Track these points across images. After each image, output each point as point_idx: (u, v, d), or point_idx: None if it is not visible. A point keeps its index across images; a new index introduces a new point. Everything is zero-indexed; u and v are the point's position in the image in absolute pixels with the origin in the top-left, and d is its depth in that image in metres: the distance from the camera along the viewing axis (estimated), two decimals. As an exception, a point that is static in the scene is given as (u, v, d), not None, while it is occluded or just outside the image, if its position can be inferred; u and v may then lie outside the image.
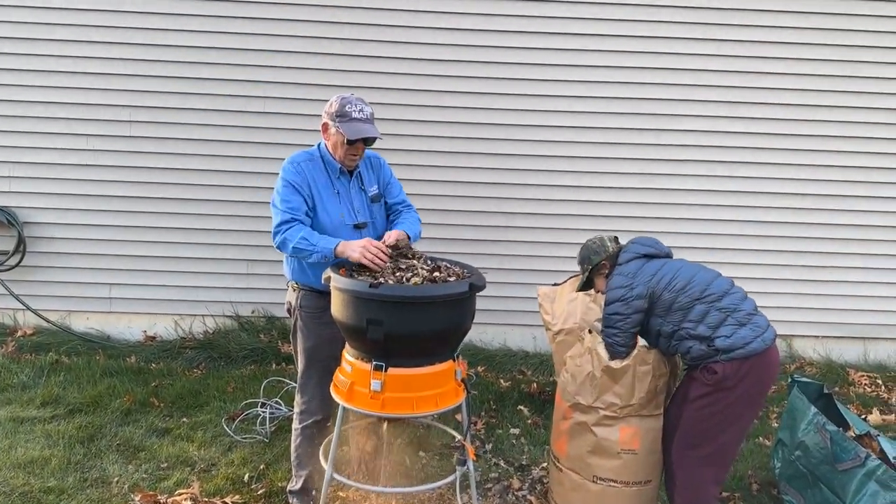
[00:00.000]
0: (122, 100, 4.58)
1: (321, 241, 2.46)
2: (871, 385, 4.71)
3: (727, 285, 2.58)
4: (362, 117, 2.55)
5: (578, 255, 2.84)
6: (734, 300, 2.52)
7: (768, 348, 2.46)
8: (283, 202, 2.55)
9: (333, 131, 2.57)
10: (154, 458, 3.26)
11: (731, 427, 2.50)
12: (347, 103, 2.55)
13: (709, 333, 2.46)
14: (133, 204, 4.69)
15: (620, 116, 4.73)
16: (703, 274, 2.59)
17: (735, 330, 2.45)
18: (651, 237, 2.79)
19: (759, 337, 2.44)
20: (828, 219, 4.89)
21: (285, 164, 2.63)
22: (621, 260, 2.69)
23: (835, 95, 4.75)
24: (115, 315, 4.82)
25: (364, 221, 2.67)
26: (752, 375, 2.44)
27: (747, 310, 2.50)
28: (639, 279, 2.56)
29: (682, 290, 2.52)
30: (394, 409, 2.23)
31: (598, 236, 2.82)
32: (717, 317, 2.47)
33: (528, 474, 3.33)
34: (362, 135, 2.52)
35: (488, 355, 4.81)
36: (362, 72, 4.61)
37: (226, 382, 4.16)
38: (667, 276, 2.55)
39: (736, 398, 2.45)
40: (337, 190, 2.64)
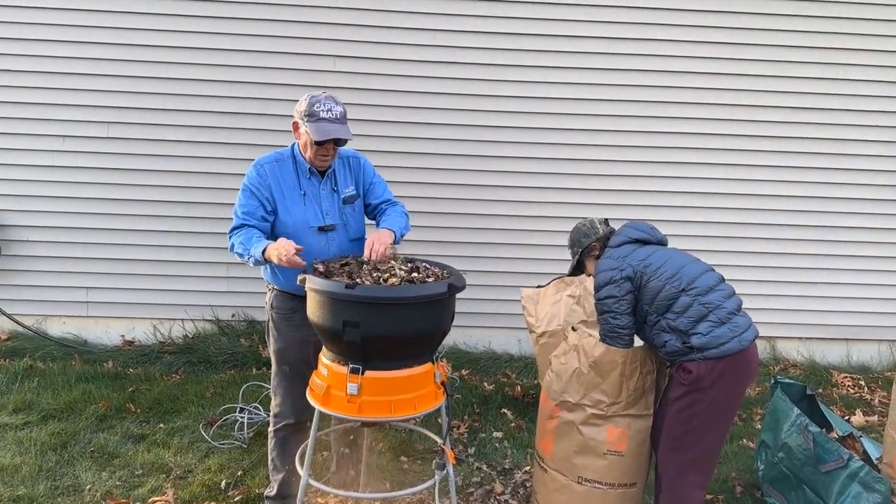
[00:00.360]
0: (99, 100, 4.50)
1: (254, 246, 2.41)
2: (854, 386, 4.71)
3: (715, 280, 2.53)
4: (331, 117, 2.46)
5: (568, 238, 2.79)
6: (719, 297, 2.47)
7: (745, 349, 2.42)
8: (239, 207, 2.54)
9: (303, 131, 2.50)
10: (128, 465, 3.19)
11: (711, 430, 2.47)
12: (316, 102, 2.47)
13: (687, 328, 2.42)
14: (110, 206, 4.61)
15: (606, 118, 4.72)
16: (693, 266, 2.54)
17: (713, 328, 2.41)
18: (646, 223, 2.75)
19: (736, 337, 2.40)
20: (813, 220, 4.90)
21: (249, 167, 2.59)
22: (612, 243, 2.65)
23: (816, 98, 4.77)
24: (92, 319, 4.73)
25: (332, 224, 2.60)
26: (727, 376, 2.40)
27: (730, 308, 2.46)
28: (628, 262, 2.51)
29: (670, 279, 2.47)
30: (371, 412, 2.18)
31: (588, 219, 2.78)
32: (699, 311, 2.43)
33: (510, 478, 3.29)
34: (329, 136, 2.44)
35: (473, 358, 4.77)
36: (341, 72, 4.57)
37: (204, 387, 4.08)
38: (656, 263, 2.51)
39: (712, 399, 2.41)
40: (304, 191, 2.57)
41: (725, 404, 2.46)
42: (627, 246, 2.60)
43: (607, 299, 2.51)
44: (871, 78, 4.75)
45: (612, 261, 2.55)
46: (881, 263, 4.96)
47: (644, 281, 2.49)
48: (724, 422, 2.50)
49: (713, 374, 2.39)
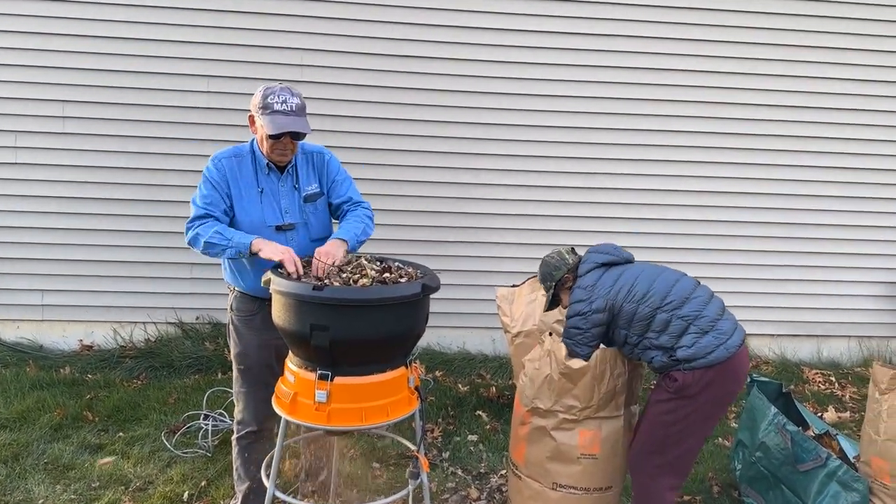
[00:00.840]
0: (54, 94, 4.30)
1: (237, 235, 2.30)
2: (825, 382, 4.74)
3: (689, 289, 2.45)
4: (286, 109, 2.31)
5: (539, 273, 2.69)
6: (696, 306, 2.39)
7: (733, 355, 2.35)
8: (201, 198, 2.39)
9: (258, 124, 2.36)
10: (85, 478, 3.02)
11: (691, 436, 2.41)
12: (271, 94, 2.32)
13: (671, 343, 2.36)
14: (67, 205, 4.40)
15: (582, 116, 4.67)
16: (664, 279, 2.46)
17: (697, 339, 2.34)
18: (608, 243, 2.67)
19: (722, 345, 2.34)
20: (782, 218, 4.92)
21: (209, 163, 2.45)
22: (580, 272, 2.57)
23: (799, 95, 4.78)
24: (48, 323, 4.52)
25: (291, 223, 2.46)
26: (716, 384, 2.34)
27: (711, 316, 2.39)
28: (597, 292, 2.45)
29: (642, 299, 2.40)
30: (341, 421, 2.06)
31: (556, 250, 2.68)
32: (679, 325, 2.36)
33: (486, 483, 3.20)
34: (284, 129, 2.30)
35: (446, 359, 4.68)
36: (311, 66, 4.44)
37: (167, 393, 3.92)
38: (626, 286, 2.44)
39: (698, 406, 2.36)
40: (262, 188, 2.44)
41: (710, 411, 2.40)
42: (594, 273, 2.52)
43: (572, 329, 2.50)
44: (828, 75, 4.79)
45: (581, 291, 2.48)
46: (851, 260, 5.00)
47: (617, 308, 2.43)
48: (707, 428, 2.45)
49: (700, 383, 2.33)
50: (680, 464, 2.45)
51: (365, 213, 2.58)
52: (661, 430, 2.41)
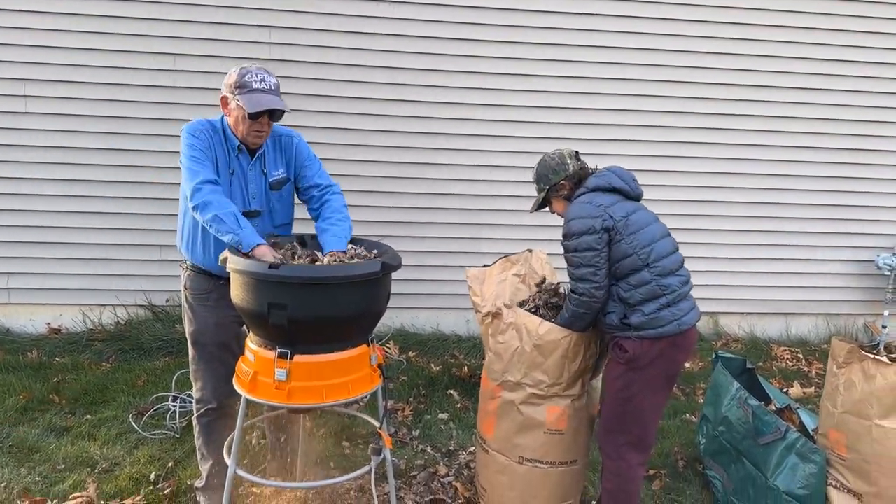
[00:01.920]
0: (14, 72, 4.19)
1: (248, 229, 2.18)
2: (793, 359, 4.83)
3: (678, 263, 2.42)
4: (264, 87, 2.28)
5: (534, 172, 2.53)
6: (677, 282, 2.35)
7: (683, 332, 2.34)
8: (198, 160, 2.25)
9: (234, 105, 2.30)
10: (50, 460, 3.00)
11: (647, 410, 2.42)
12: (247, 73, 2.28)
13: (634, 302, 2.31)
14: (31, 186, 4.32)
15: (551, 95, 4.66)
16: (665, 243, 2.38)
17: (658, 310, 2.31)
18: (628, 172, 2.47)
19: (676, 320, 2.32)
20: (750, 197, 4.97)
21: (189, 130, 2.32)
22: (591, 184, 2.40)
23: (765, 75, 4.81)
24: (13, 307, 4.45)
25: (257, 210, 2.42)
26: (664, 357, 2.34)
27: (680, 292, 2.35)
28: (609, 212, 2.30)
29: (642, 248, 2.30)
30: (301, 398, 2.06)
31: (558, 151, 2.50)
32: (653, 291, 2.31)
33: (454, 460, 3.23)
34: (265, 106, 2.25)
35: (420, 340, 4.70)
36: (282, 44, 4.38)
37: (136, 376, 3.89)
38: (634, 225, 2.31)
39: (649, 379, 2.37)
40: (233, 170, 2.38)
41: (661, 384, 2.41)
42: (607, 195, 2.37)
43: (587, 252, 2.29)
44: (793, 54, 4.82)
45: (592, 207, 2.31)
46: (819, 239, 5.08)
47: (616, 240, 2.30)
48: (660, 401, 2.46)
49: (649, 354, 2.32)
50: (641, 441, 2.47)
51: (343, 206, 2.50)
52: (619, 407, 2.43)
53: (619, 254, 2.32)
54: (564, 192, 2.49)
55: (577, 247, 2.32)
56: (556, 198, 2.53)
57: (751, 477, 2.82)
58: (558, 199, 2.53)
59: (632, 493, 2.48)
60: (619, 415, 2.44)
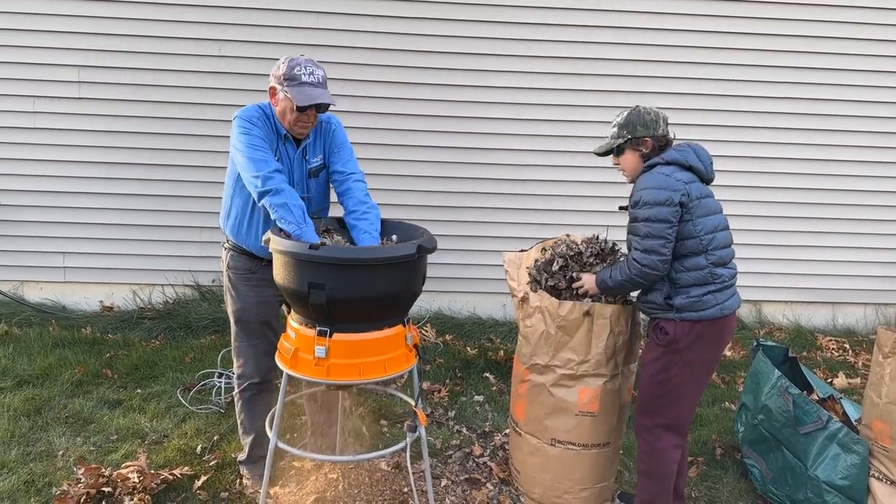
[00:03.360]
0: (69, 59, 4.35)
1: (310, 228, 2.23)
2: (839, 349, 4.71)
3: (731, 256, 2.42)
4: (313, 81, 2.32)
5: (621, 118, 2.40)
6: (728, 273, 2.36)
7: (723, 317, 2.34)
8: (260, 147, 2.29)
9: (282, 96, 2.34)
10: (103, 431, 3.15)
11: (686, 393, 2.41)
12: (297, 65, 2.32)
13: (683, 284, 2.31)
14: (85, 169, 4.50)
15: (587, 78, 4.61)
16: (724, 234, 2.38)
17: (702, 295, 2.31)
18: (708, 153, 2.41)
19: (718, 305, 2.32)
20: (797, 183, 4.84)
21: (243, 117, 2.37)
22: (668, 157, 2.33)
23: (808, 72, 4.67)
24: (69, 285, 4.66)
25: (302, 196, 2.47)
26: (704, 339, 2.33)
27: (727, 281, 2.36)
28: (687, 188, 2.26)
29: (705, 234, 2.28)
30: (339, 375, 2.12)
31: (655, 108, 2.40)
32: (704, 277, 2.30)
33: (490, 441, 3.27)
34: (313, 101, 2.30)
35: (457, 324, 4.74)
36: (329, 30, 4.41)
37: (184, 353, 4.04)
38: (704, 209, 2.29)
39: (688, 362, 2.36)
40: (279, 157, 2.44)
41: (701, 367, 2.39)
42: (684, 172, 2.31)
43: (660, 223, 2.23)
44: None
45: (672, 181, 2.25)
46: (868, 226, 4.92)
47: (686, 219, 2.26)
48: (699, 385, 2.44)
49: (690, 335, 2.32)
50: (677, 424, 2.47)
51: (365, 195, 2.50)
52: (654, 389, 2.43)
53: (684, 233, 2.28)
54: (644, 149, 2.37)
55: (649, 216, 2.25)
56: (633, 151, 2.40)
57: (790, 466, 2.78)
58: (634, 154, 2.40)
59: (666, 475, 2.48)
60: (655, 397, 2.44)
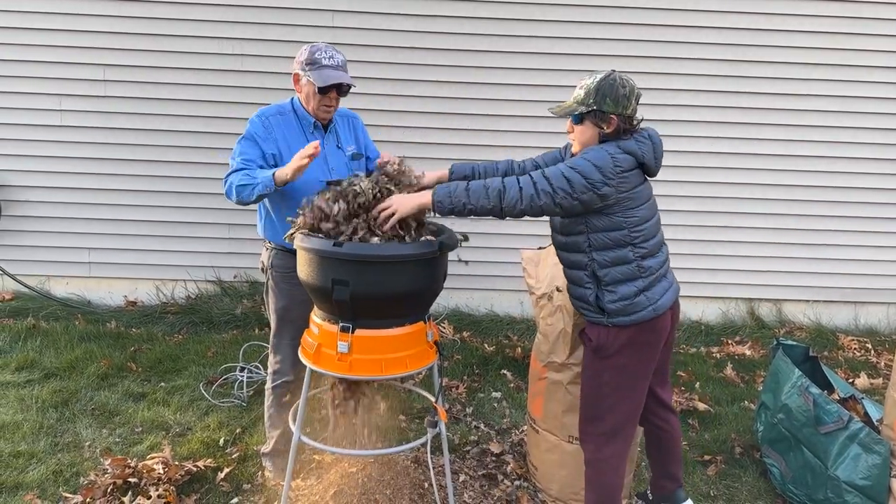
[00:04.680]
0: (95, 58, 4.43)
1: (261, 172, 2.33)
2: (861, 349, 4.66)
3: (659, 245, 2.27)
4: (333, 64, 2.44)
5: (593, 82, 2.17)
6: (656, 263, 2.22)
7: (656, 317, 2.20)
8: (239, 153, 2.46)
9: (304, 81, 2.46)
10: (128, 423, 3.22)
11: (622, 399, 2.26)
12: (317, 51, 2.44)
13: (609, 281, 2.17)
14: (109, 166, 4.58)
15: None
16: (654, 223, 2.24)
17: (634, 296, 2.17)
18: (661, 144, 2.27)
19: (652, 305, 2.18)
20: (820, 181, 4.79)
21: (252, 117, 2.52)
22: (627, 148, 2.14)
23: (826, 69, 4.63)
24: (94, 280, 4.74)
25: (339, 179, 2.52)
26: (633, 344, 2.20)
27: (657, 274, 2.22)
28: (619, 179, 2.09)
29: (634, 226, 2.15)
30: (362, 371, 2.16)
31: (631, 83, 2.17)
32: (631, 272, 2.17)
33: (507, 437, 3.29)
34: (333, 80, 2.40)
35: (474, 321, 4.76)
36: (345, 28, 4.46)
37: (206, 347, 4.10)
38: (636, 200, 2.15)
39: (619, 367, 2.22)
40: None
41: (634, 371, 2.25)
42: (630, 159, 2.14)
43: (579, 183, 2.06)
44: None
45: (611, 166, 2.08)
46: (890, 225, 4.86)
47: (613, 211, 2.12)
48: (636, 390, 2.28)
49: (617, 341, 2.19)
50: (619, 430, 2.30)
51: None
52: (593, 397, 2.30)
53: (611, 224, 2.14)
54: (606, 128, 2.17)
55: (564, 172, 2.08)
56: (593, 126, 2.19)
57: (810, 466, 2.77)
58: (593, 128, 2.19)
59: (612, 485, 2.31)
60: (592, 404, 2.31)
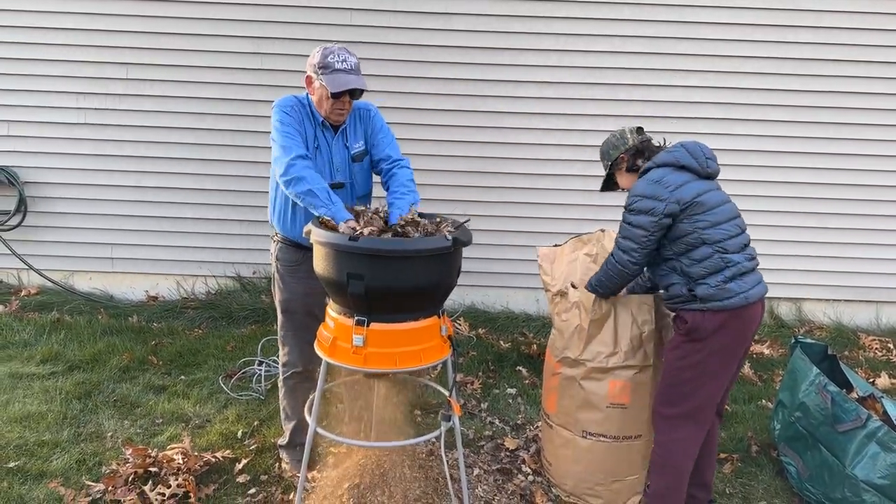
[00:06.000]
0: (117, 57, 4.51)
1: (339, 205, 2.29)
2: (882, 349, 4.60)
3: (741, 245, 2.36)
4: (346, 68, 2.41)
5: (599, 150, 2.61)
6: (741, 258, 2.32)
7: (748, 305, 2.29)
8: (290, 136, 2.39)
9: (317, 84, 2.44)
10: (149, 414, 3.28)
11: (705, 384, 2.36)
12: (330, 53, 2.41)
13: (698, 275, 2.29)
14: (131, 163, 4.66)
15: (623, 72, 4.59)
16: (731, 225, 2.33)
17: (723, 282, 2.27)
18: (699, 145, 2.40)
19: (743, 293, 2.28)
20: (842, 179, 4.74)
21: (279, 106, 2.47)
22: (659, 160, 2.37)
23: (854, 65, 4.56)
24: (117, 275, 4.83)
25: (342, 182, 2.55)
26: (726, 330, 2.29)
27: (744, 265, 2.32)
28: (676, 194, 2.26)
29: (704, 229, 2.27)
30: (376, 364, 2.18)
31: (620, 128, 2.57)
32: (716, 264, 2.28)
33: (522, 433, 3.30)
34: (347, 86, 2.38)
35: (490, 318, 4.77)
36: (363, 26, 4.50)
37: (225, 341, 4.17)
38: (703, 206, 2.27)
39: (709, 352, 2.31)
40: (318, 144, 2.52)
41: (721, 358, 2.34)
42: (680, 174, 2.31)
43: (638, 230, 2.31)
44: None
45: (660, 188, 2.27)
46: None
47: (682, 217, 2.28)
48: (720, 376, 2.38)
49: (711, 325, 2.28)
50: (695, 415, 2.40)
51: (409, 180, 2.58)
52: (675, 378, 2.38)
53: (679, 231, 2.30)
54: (623, 165, 2.54)
55: (631, 221, 2.35)
56: (620, 171, 2.58)
57: (827, 464, 2.75)
58: (621, 172, 2.57)
59: (681, 468, 2.42)
60: (673, 385, 2.40)
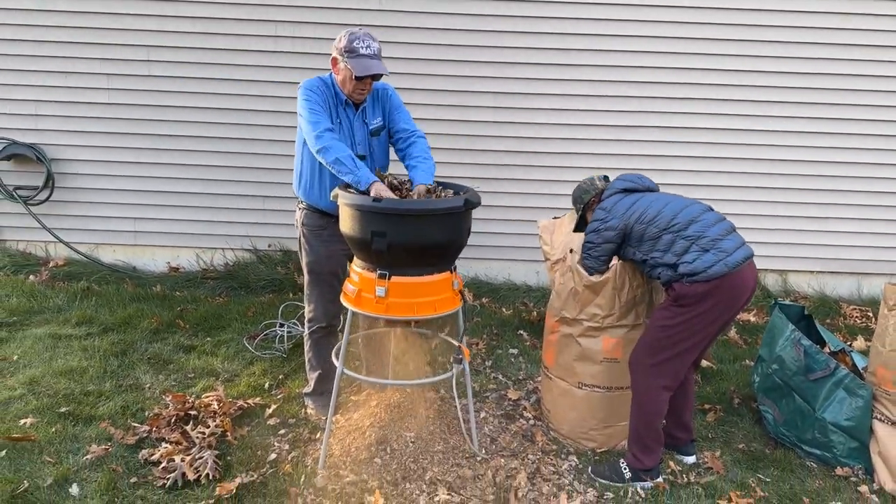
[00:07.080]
0: (139, 40, 4.74)
1: (364, 169, 2.56)
2: (862, 317, 4.88)
3: (696, 213, 2.64)
4: (370, 53, 2.68)
5: (572, 196, 2.99)
6: (700, 227, 2.58)
7: (732, 272, 2.52)
8: (316, 112, 2.66)
9: (342, 66, 2.71)
10: (182, 370, 3.57)
11: (681, 343, 2.62)
12: (356, 39, 2.67)
13: (674, 261, 2.57)
14: (153, 141, 4.91)
15: (619, 54, 4.83)
16: (674, 204, 2.67)
17: (698, 256, 2.53)
18: (635, 173, 2.92)
19: (721, 261, 2.51)
20: (824, 156, 4.99)
21: (305, 87, 2.75)
22: (604, 195, 2.84)
23: (835, 32, 4.80)
24: (139, 247, 5.10)
25: (361, 155, 2.83)
26: (711, 297, 2.53)
27: (712, 235, 2.57)
28: (613, 213, 2.70)
29: (651, 221, 2.62)
30: (396, 312, 2.46)
31: (589, 177, 2.97)
32: (682, 245, 2.57)
33: (523, 386, 3.60)
34: (370, 71, 2.66)
35: (493, 288, 5.05)
36: (389, 11, 4.71)
37: (246, 308, 4.44)
38: (639, 210, 2.67)
39: (692, 316, 2.57)
40: (340, 120, 2.79)
41: (703, 323, 2.59)
42: (615, 196, 2.77)
43: (587, 243, 2.81)
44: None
45: (600, 211, 2.76)
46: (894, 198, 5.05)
47: (629, 228, 2.67)
48: (698, 336, 2.63)
49: (695, 294, 2.53)
50: (669, 366, 2.66)
51: (426, 149, 2.87)
52: (656, 333, 2.66)
53: (637, 235, 2.66)
54: (594, 205, 2.90)
55: (585, 240, 2.82)
56: (590, 212, 2.92)
57: (800, 410, 3.05)
58: (591, 213, 2.90)
59: (655, 410, 2.71)
60: (657, 339, 2.66)
